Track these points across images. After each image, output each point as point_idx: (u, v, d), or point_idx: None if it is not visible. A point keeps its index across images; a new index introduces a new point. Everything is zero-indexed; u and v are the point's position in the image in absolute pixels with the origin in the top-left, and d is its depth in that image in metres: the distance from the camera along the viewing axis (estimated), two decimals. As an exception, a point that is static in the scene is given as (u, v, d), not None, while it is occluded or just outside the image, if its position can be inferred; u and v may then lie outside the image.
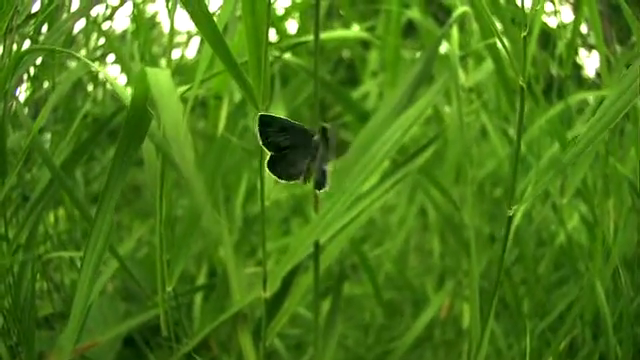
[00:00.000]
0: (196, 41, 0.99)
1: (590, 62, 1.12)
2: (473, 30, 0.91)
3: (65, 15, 0.90)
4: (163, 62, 0.92)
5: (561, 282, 0.98)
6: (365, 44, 1.15)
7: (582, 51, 1.17)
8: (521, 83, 0.58)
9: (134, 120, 0.50)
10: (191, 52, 1.02)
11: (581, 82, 1.11)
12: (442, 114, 0.98)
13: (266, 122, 0.57)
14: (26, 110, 0.98)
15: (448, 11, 1.10)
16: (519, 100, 0.58)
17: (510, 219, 0.61)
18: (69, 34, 0.92)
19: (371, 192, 0.69)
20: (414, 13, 0.95)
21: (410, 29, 1.11)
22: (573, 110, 0.97)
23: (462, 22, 1.04)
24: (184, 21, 1.27)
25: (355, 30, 1.01)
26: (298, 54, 0.82)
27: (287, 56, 0.80)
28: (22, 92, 0.91)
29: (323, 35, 0.85)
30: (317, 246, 0.65)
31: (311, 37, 0.75)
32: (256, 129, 0.56)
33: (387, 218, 1.03)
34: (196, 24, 0.55)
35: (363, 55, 1.13)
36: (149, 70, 0.46)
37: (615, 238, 0.84)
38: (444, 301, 0.91)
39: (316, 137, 0.58)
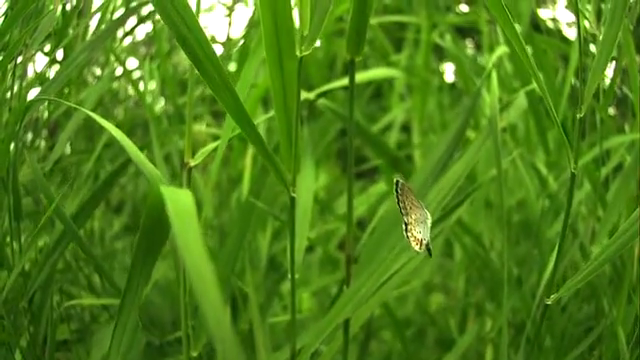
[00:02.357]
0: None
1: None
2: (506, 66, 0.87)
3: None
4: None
5: (588, 318, 0.96)
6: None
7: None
8: (573, 170, 0.54)
9: (147, 241, 0.47)
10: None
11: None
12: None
13: None
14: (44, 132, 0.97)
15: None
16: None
17: (547, 307, 0.58)
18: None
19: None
20: (447, 43, 0.90)
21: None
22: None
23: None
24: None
25: (387, 70, 0.96)
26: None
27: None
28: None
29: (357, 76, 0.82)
30: (347, 324, 0.62)
31: (344, 81, 0.72)
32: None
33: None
34: (219, 98, 0.51)
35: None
36: (166, 190, 0.42)
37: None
38: (469, 343, 0.89)
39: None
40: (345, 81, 0.78)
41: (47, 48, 0.84)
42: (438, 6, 0.98)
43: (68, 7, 0.84)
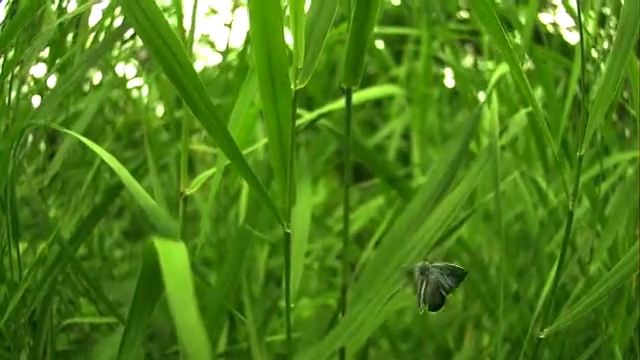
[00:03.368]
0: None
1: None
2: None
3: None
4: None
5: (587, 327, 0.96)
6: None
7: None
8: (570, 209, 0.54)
9: (144, 292, 0.46)
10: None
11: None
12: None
13: None
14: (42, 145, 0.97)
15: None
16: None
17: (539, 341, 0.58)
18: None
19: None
20: (447, 57, 0.90)
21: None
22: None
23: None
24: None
25: (387, 87, 0.96)
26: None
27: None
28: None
29: (356, 95, 0.81)
30: (343, 352, 0.63)
31: (340, 103, 0.71)
32: None
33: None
34: (209, 132, 0.51)
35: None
36: (160, 244, 0.42)
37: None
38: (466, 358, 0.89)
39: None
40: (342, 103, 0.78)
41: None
42: (438, 14, 0.97)
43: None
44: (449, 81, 1.15)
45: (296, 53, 0.53)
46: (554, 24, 1.19)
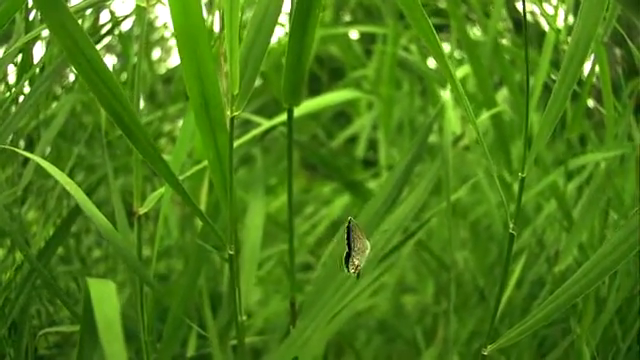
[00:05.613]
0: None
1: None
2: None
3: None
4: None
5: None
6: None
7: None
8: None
9: (86, 333, 0.48)
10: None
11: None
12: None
13: None
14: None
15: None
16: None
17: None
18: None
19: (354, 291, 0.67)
20: (413, 56, 0.89)
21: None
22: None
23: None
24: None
25: (351, 91, 0.95)
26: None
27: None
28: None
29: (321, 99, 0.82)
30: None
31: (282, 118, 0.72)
32: None
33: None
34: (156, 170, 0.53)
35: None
36: (92, 284, 0.43)
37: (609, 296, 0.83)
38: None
39: None
40: (301, 109, 0.78)
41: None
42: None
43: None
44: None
45: (232, 80, 0.53)
46: (532, 13, 1.18)
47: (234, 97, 0.54)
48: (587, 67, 0.88)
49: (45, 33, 0.83)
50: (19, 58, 0.81)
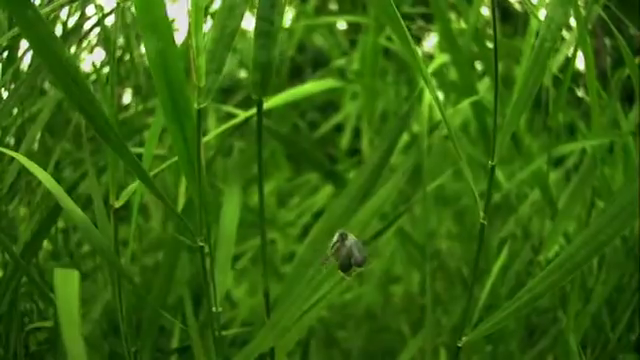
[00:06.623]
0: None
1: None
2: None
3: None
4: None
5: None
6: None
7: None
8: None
9: None
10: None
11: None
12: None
13: None
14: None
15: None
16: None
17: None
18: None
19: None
20: (395, 44, 0.89)
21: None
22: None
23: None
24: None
25: (333, 81, 0.95)
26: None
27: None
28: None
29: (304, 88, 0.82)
30: (273, 351, 0.65)
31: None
32: None
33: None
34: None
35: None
36: (58, 273, 0.44)
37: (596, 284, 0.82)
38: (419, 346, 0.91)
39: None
40: (280, 99, 0.78)
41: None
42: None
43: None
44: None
45: (198, 72, 0.54)
46: (521, 2, 1.17)
47: (201, 90, 0.54)
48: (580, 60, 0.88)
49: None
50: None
